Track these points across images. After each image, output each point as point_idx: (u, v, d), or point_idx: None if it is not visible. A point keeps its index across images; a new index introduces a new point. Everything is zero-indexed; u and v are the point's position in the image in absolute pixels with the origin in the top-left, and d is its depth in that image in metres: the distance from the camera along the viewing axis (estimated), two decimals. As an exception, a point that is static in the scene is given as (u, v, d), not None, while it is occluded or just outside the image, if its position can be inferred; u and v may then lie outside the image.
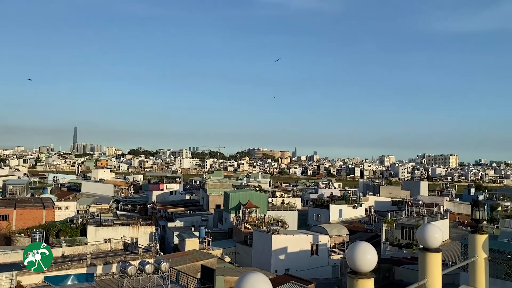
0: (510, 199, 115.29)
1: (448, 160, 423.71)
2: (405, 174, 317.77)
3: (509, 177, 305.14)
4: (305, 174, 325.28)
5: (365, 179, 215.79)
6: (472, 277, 6.67)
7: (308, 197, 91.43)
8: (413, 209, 61.57)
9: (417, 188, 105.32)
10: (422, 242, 5.62)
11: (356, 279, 4.24)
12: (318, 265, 45.06)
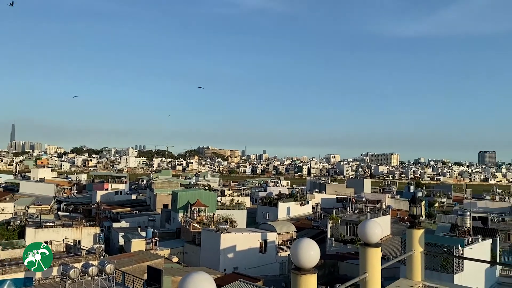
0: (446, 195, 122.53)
1: (390, 159, 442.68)
2: (350, 172, 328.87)
3: (445, 174, 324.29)
4: (255, 173, 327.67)
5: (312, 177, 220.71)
6: (409, 270, 7.02)
7: (257, 196, 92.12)
8: (357, 206, 63.73)
9: (360, 186, 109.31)
10: (362, 238, 5.83)
11: (300, 275, 4.33)
12: (266, 263, 45.52)
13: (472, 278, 29.03)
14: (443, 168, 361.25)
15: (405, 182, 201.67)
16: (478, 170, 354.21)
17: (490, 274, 33.45)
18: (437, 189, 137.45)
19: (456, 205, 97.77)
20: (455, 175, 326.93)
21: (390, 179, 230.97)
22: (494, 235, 41.96)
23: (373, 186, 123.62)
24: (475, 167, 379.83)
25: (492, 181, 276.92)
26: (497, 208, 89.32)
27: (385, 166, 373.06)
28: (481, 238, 34.52)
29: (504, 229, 59.92)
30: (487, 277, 32.29)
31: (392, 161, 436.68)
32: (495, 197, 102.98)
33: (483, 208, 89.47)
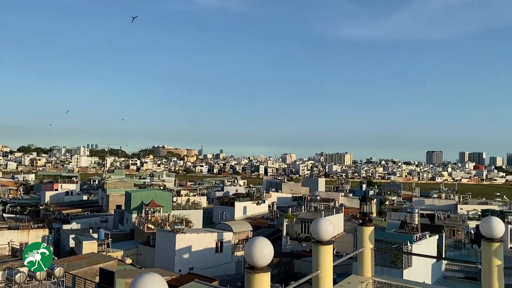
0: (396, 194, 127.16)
1: (343, 158, 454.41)
2: (305, 171, 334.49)
3: (395, 173, 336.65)
4: (211, 172, 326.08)
5: (269, 176, 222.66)
6: (360, 266, 7.23)
7: (214, 195, 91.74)
8: (312, 205, 64.92)
9: (315, 185, 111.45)
10: (315, 236, 5.95)
11: (253, 274, 4.36)
12: (222, 262, 45.42)
13: (420, 272, 30.30)
14: (394, 167, 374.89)
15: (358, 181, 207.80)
16: (426, 169, 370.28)
17: (437, 269, 35.05)
18: (387, 187, 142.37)
19: (405, 203, 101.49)
20: (405, 174, 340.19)
21: (344, 178, 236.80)
22: (440, 231, 43.94)
23: (328, 185, 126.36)
24: (423, 167, 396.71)
25: (439, 179, 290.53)
26: (443, 206, 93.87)
27: (339, 166, 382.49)
28: (429, 235, 35.95)
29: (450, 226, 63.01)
30: (434, 272, 33.82)
31: (346, 160, 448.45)
32: (442, 195, 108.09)
33: (430, 206, 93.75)
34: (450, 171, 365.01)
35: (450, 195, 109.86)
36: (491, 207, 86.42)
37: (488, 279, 6.18)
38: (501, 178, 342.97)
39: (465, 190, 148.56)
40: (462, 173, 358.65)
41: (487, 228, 6.25)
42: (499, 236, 6.18)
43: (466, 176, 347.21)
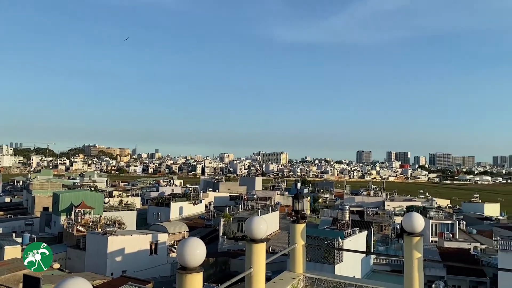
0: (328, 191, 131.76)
1: (280, 157, 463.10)
2: (243, 170, 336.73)
3: (328, 172, 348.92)
4: (146, 172, 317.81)
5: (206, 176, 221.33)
6: (292, 263, 7.41)
7: (149, 196, 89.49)
8: (249, 203, 65.45)
9: (252, 184, 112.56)
10: (248, 234, 6.01)
11: (185, 275, 4.31)
12: (157, 264, 44.47)
13: (350, 267, 31.64)
14: (327, 166, 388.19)
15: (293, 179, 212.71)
16: (356, 168, 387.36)
17: (366, 263, 36.81)
18: (321, 185, 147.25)
19: (337, 200, 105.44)
20: (337, 173, 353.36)
21: (280, 176, 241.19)
22: (369, 227, 46.19)
23: (264, 184, 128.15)
24: (354, 165, 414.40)
25: (368, 178, 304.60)
26: (372, 202, 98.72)
27: (276, 165, 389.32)
28: (358, 230, 37.59)
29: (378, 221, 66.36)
30: (363, 266, 35.48)
31: (282, 159, 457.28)
32: (370, 193, 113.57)
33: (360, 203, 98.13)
34: (378, 169, 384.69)
35: (378, 192, 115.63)
36: (415, 204, 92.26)
37: (409, 271, 6.58)
38: (424, 176, 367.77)
39: (392, 187, 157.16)
40: (389, 171, 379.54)
41: (408, 223, 6.65)
42: (419, 231, 6.60)
43: (393, 175, 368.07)
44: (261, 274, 5.87)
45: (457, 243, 53.88)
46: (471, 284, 39.93)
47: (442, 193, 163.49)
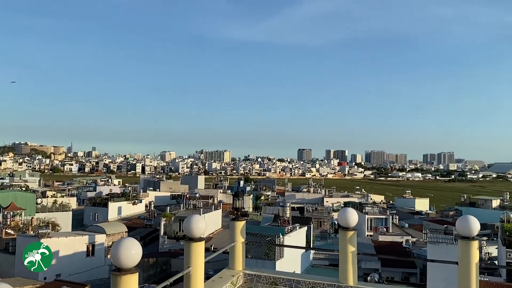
0: (270, 189, 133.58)
1: (223, 156, 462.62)
2: (185, 169, 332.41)
3: (270, 170, 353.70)
4: (82, 171, 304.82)
5: (147, 175, 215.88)
6: (232, 260, 7.44)
7: (85, 196, 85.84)
8: (191, 202, 64.78)
9: (194, 182, 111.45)
10: (187, 233, 5.95)
11: (120, 276, 4.19)
12: (94, 266, 42.82)
13: (291, 262, 32.28)
14: (269, 164, 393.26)
15: (236, 177, 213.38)
16: (297, 166, 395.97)
17: (306, 258, 37.73)
18: (263, 183, 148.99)
19: (279, 198, 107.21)
20: (279, 170, 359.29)
21: (223, 175, 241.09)
22: (309, 223, 47.43)
23: (207, 182, 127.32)
24: (295, 163, 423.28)
25: (308, 175, 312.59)
26: (312, 199, 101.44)
27: (218, 163, 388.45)
28: (299, 226, 38.42)
29: (317, 217, 68.45)
30: (303, 261, 36.35)
31: (225, 158, 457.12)
32: (310, 189, 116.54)
33: (300, 199, 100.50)
34: (318, 167, 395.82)
35: (318, 189, 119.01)
36: (352, 199, 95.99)
37: (344, 264, 6.83)
38: (360, 173, 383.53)
39: (330, 184, 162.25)
40: (328, 169, 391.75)
41: (343, 218, 6.91)
42: (353, 225, 6.87)
43: (332, 172, 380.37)
44: (199, 273, 5.84)
45: (390, 237, 56.77)
46: (403, 275, 42.25)
47: (377, 189, 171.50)
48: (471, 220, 6.52)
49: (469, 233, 6.44)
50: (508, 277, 38.33)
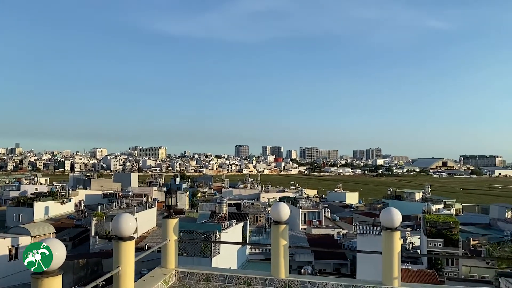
0: (207, 186, 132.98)
1: (158, 152, 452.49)
2: (117, 166, 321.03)
3: (207, 166, 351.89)
4: (5, 169, 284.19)
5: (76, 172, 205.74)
6: (164, 259, 7.33)
7: (8, 196, 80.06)
8: (124, 201, 62.80)
9: (128, 180, 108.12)
10: (116, 232, 5.77)
11: (41, 279, 3.98)
12: (18, 270, 40.12)
13: (227, 258, 32.42)
14: (206, 160, 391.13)
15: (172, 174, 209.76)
16: (234, 162, 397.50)
17: (242, 253, 38.07)
18: (200, 180, 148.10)
19: (215, 194, 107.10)
20: (216, 167, 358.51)
21: (158, 172, 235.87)
22: (245, 219, 47.90)
23: (141, 180, 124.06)
24: (232, 160, 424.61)
25: (245, 171, 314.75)
26: (248, 195, 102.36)
27: (153, 160, 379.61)
28: (235, 222, 38.70)
29: (253, 213, 69.12)
30: (239, 256, 36.64)
31: (160, 154, 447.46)
32: (247, 185, 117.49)
33: (237, 196, 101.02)
34: (254, 163, 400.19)
35: (254, 185, 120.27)
36: (287, 194, 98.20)
37: (276, 257, 6.98)
38: (295, 169, 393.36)
39: (267, 180, 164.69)
40: (264, 165, 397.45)
41: (275, 212, 7.05)
42: (284, 219, 7.03)
43: (268, 168, 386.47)
44: (129, 273, 5.68)
45: (323, 230, 58.84)
46: (334, 266, 44.01)
47: (310, 184, 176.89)
48: (394, 212, 6.92)
49: (392, 224, 6.82)
50: (429, 264, 41.30)
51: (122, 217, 5.76)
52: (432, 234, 44.09)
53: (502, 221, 70.22)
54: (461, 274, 41.13)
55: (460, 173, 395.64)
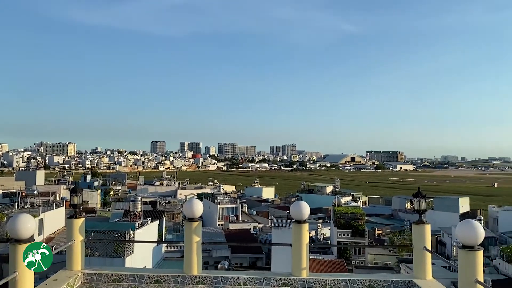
0: (121, 183, 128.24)
1: (66, 148, 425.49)
2: (21, 163, 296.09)
3: (121, 163, 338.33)
4: None
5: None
6: (69, 260, 6.95)
7: None
8: (28, 200, 58.43)
9: (32, 178, 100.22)
10: (13, 234, 5.37)
11: None
12: None
13: (142, 257, 31.59)
14: (120, 157, 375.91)
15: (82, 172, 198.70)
16: (150, 159, 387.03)
17: (157, 252, 37.32)
18: (113, 177, 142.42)
19: (130, 192, 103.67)
20: (130, 164, 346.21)
21: (66, 169, 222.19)
22: (161, 216, 47.01)
23: (48, 178, 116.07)
24: (147, 156, 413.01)
25: (162, 168, 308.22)
26: (165, 192, 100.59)
27: (61, 156, 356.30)
28: (150, 220, 37.82)
29: (170, 210, 68.10)
30: (155, 255, 35.89)
31: (69, 150, 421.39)
32: (164, 182, 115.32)
33: (153, 193, 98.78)
34: (172, 159, 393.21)
35: (171, 182, 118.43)
36: (205, 191, 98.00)
37: (188, 255, 6.96)
38: (214, 165, 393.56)
39: (184, 176, 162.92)
40: (182, 161, 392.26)
41: (187, 209, 7.01)
42: (198, 216, 7.02)
43: (186, 164, 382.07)
44: (28, 277, 5.32)
45: (240, 225, 59.71)
46: (250, 260, 44.87)
47: (228, 180, 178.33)
48: (302, 205, 7.24)
49: (301, 216, 7.14)
50: (339, 254, 43.83)
51: (20, 217, 5.35)
52: (341, 225, 46.83)
53: (402, 212, 76.71)
54: (367, 262, 44.25)
55: (366, 167, 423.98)
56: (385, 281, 6.96)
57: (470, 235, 5.53)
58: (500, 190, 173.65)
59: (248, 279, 6.98)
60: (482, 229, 5.61)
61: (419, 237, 7.04)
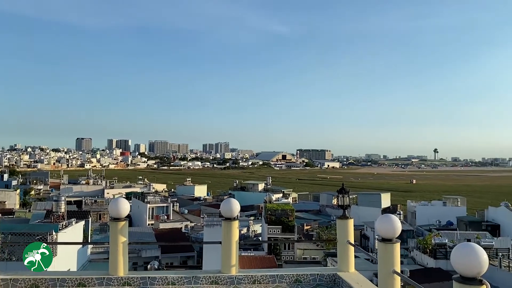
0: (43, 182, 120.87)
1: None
2: None
3: (43, 161, 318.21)
4: None
5: None
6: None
7: None
8: None
9: None
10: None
11: None
12: None
13: (66, 260, 29.96)
14: (41, 154, 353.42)
15: None
16: (75, 156, 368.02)
17: (83, 253, 35.63)
18: (34, 176, 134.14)
19: (53, 191, 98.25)
20: (53, 162, 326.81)
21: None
22: (87, 217, 44.89)
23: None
24: (72, 154, 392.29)
25: (88, 166, 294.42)
26: (91, 191, 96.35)
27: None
28: (75, 221, 36.06)
29: (96, 210, 65.28)
30: (80, 257, 34.24)
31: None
32: (90, 181, 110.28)
33: (78, 192, 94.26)
34: (99, 157, 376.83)
35: (98, 180, 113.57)
36: (134, 190, 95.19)
37: (114, 256, 6.74)
38: (144, 163, 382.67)
39: (112, 175, 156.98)
40: (110, 159, 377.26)
41: (113, 209, 6.78)
42: (124, 216, 6.81)
43: (114, 162, 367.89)
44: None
45: (171, 224, 58.73)
46: (181, 259, 44.35)
47: (159, 178, 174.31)
48: (232, 203, 7.29)
49: (230, 214, 7.19)
50: (269, 250, 44.63)
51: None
52: (272, 221, 47.73)
53: (329, 207, 79.91)
54: (296, 257, 45.50)
55: (296, 165, 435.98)
56: (311, 275, 7.21)
57: (388, 229, 5.73)
58: (418, 186, 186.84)
59: (176, 279, 6.90)
60: (399, 223, 5.84)
61: (343, 231, 7.38)
